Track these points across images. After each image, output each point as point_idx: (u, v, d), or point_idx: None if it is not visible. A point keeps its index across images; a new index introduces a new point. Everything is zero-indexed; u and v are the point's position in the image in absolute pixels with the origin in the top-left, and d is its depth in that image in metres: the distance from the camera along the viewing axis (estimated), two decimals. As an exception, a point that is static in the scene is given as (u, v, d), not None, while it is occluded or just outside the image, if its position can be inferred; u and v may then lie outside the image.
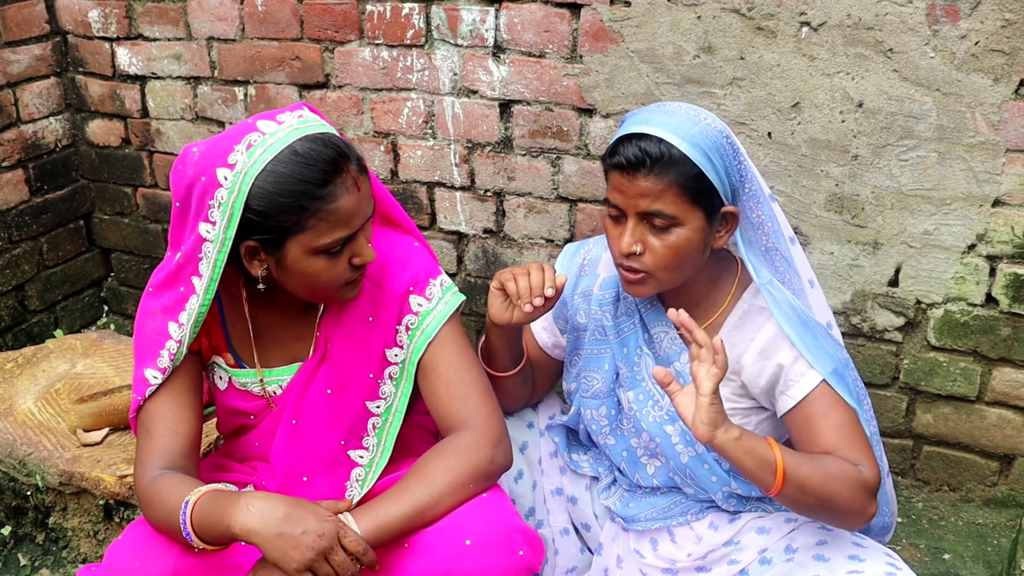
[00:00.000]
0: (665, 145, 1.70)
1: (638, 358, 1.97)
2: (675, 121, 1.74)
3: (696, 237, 1.75)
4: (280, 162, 1.62)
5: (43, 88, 3.33)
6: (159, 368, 1.80)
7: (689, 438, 1.91)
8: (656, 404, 1.95)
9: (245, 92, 3.12)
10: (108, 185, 3.54)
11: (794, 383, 1.80)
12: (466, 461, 1.75)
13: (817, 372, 1.77)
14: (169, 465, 1.77)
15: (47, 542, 2.66)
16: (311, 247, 1.67)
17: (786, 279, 1.84)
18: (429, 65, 2.81)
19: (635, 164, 1.71)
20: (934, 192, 2.37)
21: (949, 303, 2.46)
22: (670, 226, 1.73)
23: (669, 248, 1.75)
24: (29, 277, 3.39)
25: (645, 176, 1.71)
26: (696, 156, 1.71)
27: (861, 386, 1.87)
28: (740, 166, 1.78)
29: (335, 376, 1.88)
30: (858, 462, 1.71)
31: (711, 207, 1.75)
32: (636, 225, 1.76)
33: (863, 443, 1.75)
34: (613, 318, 1.98)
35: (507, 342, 1.97)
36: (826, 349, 1.79)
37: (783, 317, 1.79)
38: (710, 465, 1.91)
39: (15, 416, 2.70)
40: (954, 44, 2.23)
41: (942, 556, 2.43)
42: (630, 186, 1.73)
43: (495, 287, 1.89)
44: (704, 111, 1.80)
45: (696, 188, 1.72)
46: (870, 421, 1.90)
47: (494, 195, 2.89)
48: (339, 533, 1.57)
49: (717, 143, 1.74)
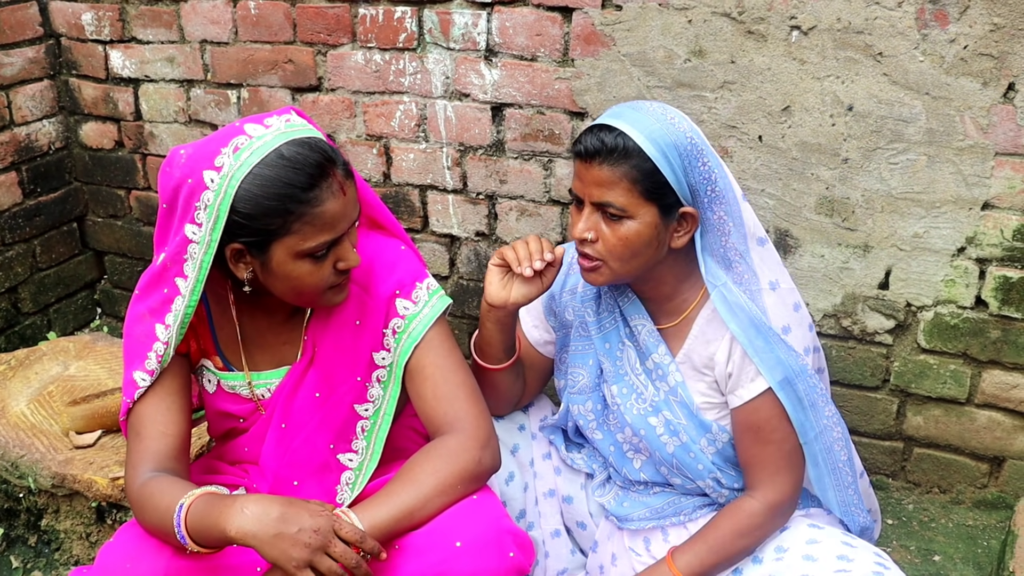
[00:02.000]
0: (623, 138, 1.75)
1: (620, 352, 2.00)
2: (640, 117, 1.78)
3: (647, 232, 1.79)
4: (266, 165, 1.63)
5: (36, 91, 3.34)
6: (147, 370, 1.80)
7: (673, 428, 1.94)
8: (639, 397, 1.97)
9: (238, 95, 3.13)
10: (101, 188, 3.54)
11: (742, 385, 1.88)
12: (453, 463, 1.75)
13: (764, 379, 1.84)
14: (159, 467, 1.77)
15: (39, 544, 2.65)
16: (296, 251, 1.67)
17: (744, 280, 1.87)
18: (421, 68, 2.81)
19: (591, 153, 1.76)
20: (924, 195, 2.38)
21: (939, 306, 2.47)
22: (622, 217, 1.77)
23: (620, 239, 1.79)
24: (22, 279, 3.39)
25: (599, 165, 1.76)
26: (652, 151, 1.74)
27: (821, 390, 1.89)
28: (704, 167, 1.80)
29: (323, 380, 1.88)
30: (756, 486, 1.91)
31: (666, 204, 1.78)
32: (591, 213, 1.81)
33: (778, 463, 1.89)
34: (595, 313, 2.01)
35: (501, 328, 1.99)
36: (777, 355, 1.83)
37: (734, 320, 1.84)
38: (695, 454, 1.95)
39: (8, 418, 2.70)
40: (943, 48, 2.24)
41: (932, 558, 2.44)
42: (586, 174, 1.78)
43: (494, 263, 1.93)
44: (675, 112, 1.82)
45: (650, 183, 1.76)
46: (833, 427, 1.93)
47: (486, 198, 2.89)
48: (334, 526, 1.57)
49: (677, 142, 1.77)
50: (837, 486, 1.96)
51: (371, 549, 1.60)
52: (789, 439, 1.88)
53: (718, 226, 1.84)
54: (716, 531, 1.93)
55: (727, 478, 1.97)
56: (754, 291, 1.86)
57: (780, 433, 1.88)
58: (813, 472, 1.93)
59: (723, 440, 1.94)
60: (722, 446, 1.94)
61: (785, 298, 1.88)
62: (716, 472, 1.96)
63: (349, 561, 1.56)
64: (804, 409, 1.86)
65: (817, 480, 1.94)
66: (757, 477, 1.91)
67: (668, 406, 1.94)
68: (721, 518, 1.94)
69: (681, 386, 1.93)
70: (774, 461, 1.89)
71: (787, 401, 1.85)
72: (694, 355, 1.92)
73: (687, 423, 1.93)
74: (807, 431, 1.88)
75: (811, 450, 1.90)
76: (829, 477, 1.94)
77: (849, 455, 1.98)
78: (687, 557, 1.93)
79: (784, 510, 1.91)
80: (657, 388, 1.95)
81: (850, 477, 1.97)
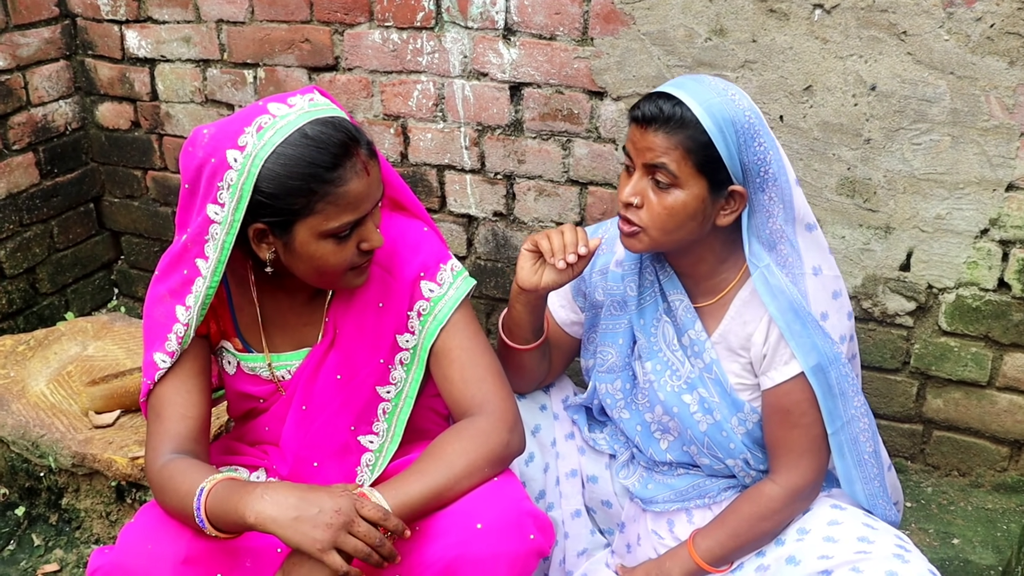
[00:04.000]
0: (682, 107, 1.74)
1: (655, 328, 2.00)
2: (701, 89, 1.77)
3: (694, 204, 1.78)
4: (290, 145, 1.62)
5: (52, 71, 3.33)
6: (167, 352, 1.80)
7: (708, 406, 1.94)
8: (675, 373, 1.97)
9: (254, 75, 3.12)
10: (118, 168, 3.54)
11: (775, 367, 1.87)
12: (482, 445, 1.75)
13: (798, 363, 1.83)
14: (179, 449, 1.77)
15: (60, 523, 2.67)
16: (319, 231, 1.66)
17: (788, 263, 1.85)
18: (439, 48, 2.80)
19: (648, 119, 1.76)
20: (947, 176, 2.36)
21: (961, 288, 2.46)
22: (671, 185, 1.77)
23: (665, 207, 1.78)
24: (40, 260, 3.39)
25: (655, 132, 1.75)
26: (708, 124, 1.74)
27: (852, 380, 1.88)
28: (759, 147, 1.79)
29: (344, 362, 1.88)
30: (779, 469, 1.92)
31: (716, 180, 1.78)
32: (640, 178, 1.80)
33: (803, 448, 1.89)
34: (637, 288, 2.00)
35: (531, 310, 1.98)
36: (813, 340, 1.82)
37: (773, 303, 1.83)
38: (727, 433, 1.94)
39: (28, 398, 2.72)
40: (969, 27, 2.22)
41: (951, 541, 2.43)
42: (641, 139, 1.78)
43: (527, 248, 1.92)
44: (737, 88, 1.82)
45: (703, 156, 1.75)
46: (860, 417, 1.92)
47: (504, 178, 2.88)
48: (355, 505, 1.56)
49: (735, 118, 1.76)
50: (863, 479, 1.95)
51: (395, 527, 1.59)
52: (816, 424, 1.88)
53: (767, 207, 1.83)
54: (736, 515, 1.93)
55: (755, 459, 1.97)
56: (797, 275, 1.85)
57: (808, 418, 1.87)
58: (840, 465, 1.92)
59: (753, 421, 1.94)
60: (752, 427, 1.94)
61: (827, 285, 1.87)
62: (746, 452, 1.96)
63: (372, 540, 1.55)
64: (834, 397, 1.85)
65: (844, 473, 1.93)
66: (781, 460, 1.91)
67: (703, 383, 1.94)
68: (741, 502, 1.94)
69: (716, 364, 1.92)
70: (800, 445, 1.89)
71: (818, 388, 1.84)
72: (730, 335, 1.91)
73: (720, 401, 1.93)
74: (834, 420, 1.87)
75: (837, 440, 1.89)
76: (855, 469, 1.93)
77: (876, 447, 1.96)
78: (707, 542, 1.94)
79: (805, 495, 1.91)
80: (693, 365, 1.95)
81: (876, 469, 1.96)
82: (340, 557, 1.53)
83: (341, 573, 1.53)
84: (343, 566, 1.53)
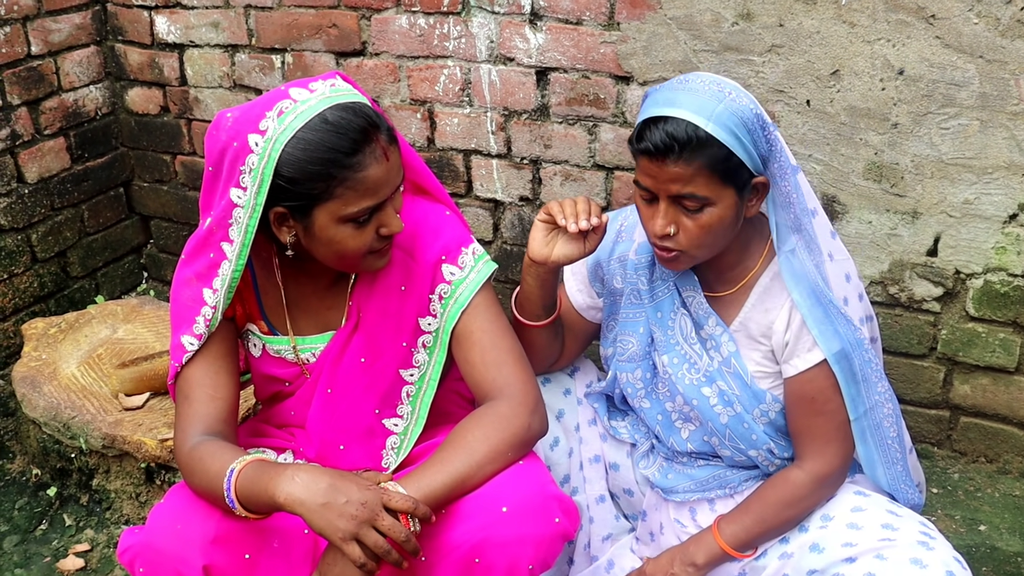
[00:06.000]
0: (692, 128, 1.68)
1: (672, 322, 1.98)
2: (700, 100, 1.70)
3: (728, 214, 1.75)
4: (310, 130, 1.63)
5: (83, 57, 3.36)
6: (195, 334, 1.82)
7: (727, 398, 1.93)
8: (692, 367, 1.96)
9: (282, 60, 3.13)
10: (147, 153, 3.57)
11: (798, 355, 1.86)
12: (504, 429, 1.75)
13: (821, 351, 1.82)
14: (208, 431, 1.79)
15: (91, 503, 2.71)
16: (338, 215, 1.67)
17: (811, 249, 1.84)
18: (466, 32, 2.80)
19: (663, 150, 1.69)
20: (975, 161, 2.34)
21: (989, 273, 2.44)
22: (703, 207, 1.73)
23: (702, 227, 1.75)
24: (71, 244, 3.43)
25: (675, 162, 1.69)
26: (724, 137, 1.68)
27: (875, 365, 1.87)
28: (769, 136, 1.77)
29: (368, 345, 1.89)
30: (805, 456, 1.91)
31: (742, 182, 1.74)
32: (668, 208, 1.75)
33: (828, 435, 1.89)
34: (648, 282, 2.00)
35: (541, 284, 1.97)
36: (835, 327, 1.81)
37: (796, 289, 1.82)
38: (749, 424, 1.94)
39: (59, 380, 2.75)
40: (999, 10, 2.20)
41: (978, 527, 2.43)
42: (660, 172, 1.71)
43: (540, 218, 1.90)
44: (728, 83, 1.76)
45: (726, 168, 1.71)
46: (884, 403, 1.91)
47: (530, 163, 2.89)
48: (383, 499, 1.57)
49: (744, 119, 1.71)
50: (886, 462, 1.95)
51: (423, 515, 1.60)
52: (841, 411, 1.87)
53: (786, 194, 1.82)
54: (762, 502, 1.93)
55: (779, 448, 1.97)
56: (819, 261, 1.84)
57: (833, 404, 1.86)
58: (862, 450, 1.92)
59: (775, 410, 1.93)
60: (775, 416, 1.94)
61: (840, 268, 1.87)
62: (769, 442, 1.95)
63: (398, 535, 1.55)
64: (857, 384, 1.85)
65: (867, 458, 1.93)
66: (807, 448, 1.90)
67: (722, 376, 1.93)
68: (767, 489, 1.94)
69: (735, 356, 1.92)
70: (825, 432, 1.88)
71: (841, 375, 1.83)
72: (751, 323, 1.91)
73: (740, 393, 1.92)
74: (857, 407, 1.86)
75: (859, 426, 1.88)
76: (877, 453, 1.92)
77: (899, 431, 1.96)
78: (733, 528, 1.94)
79: (831, 481, 1.91)
80: (711, 358, 1.95)
81: (899, 453, 1.96)
82: (359, 549, 1.53)
83: (359, 564, 1.54)
84: (361, 557, 1.53)
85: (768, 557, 1.94)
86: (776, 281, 1.87)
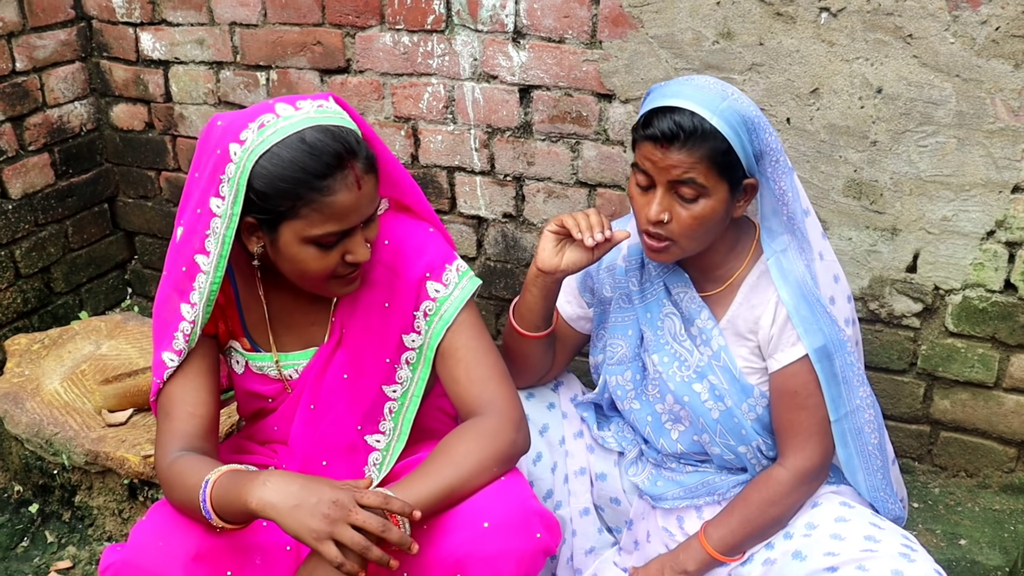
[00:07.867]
0: (698, 119, 1.76)
1: (661, 321, 2.03)
2: (706, 96, 1.79)
3: (720, 208, 1.82)
4: (285, 146, 1.64)
5: (68, 73, 3.37)
6: (175, 350, 1.82)
7: (718, 393, 1.97)
8: (683, 364, 1.99)
9: (267, 77, 3.14)
10: (132, 169, 3.57)
11: (781, 349, 1.91)
12: (490, 445, 1.76)
13: (803, 346, 1.87)
14: (188, 447, 1.79)
15: (73, 520, 2.70)
16: (302, 235, 1.68)
17: (803, 249, 1.90)
18: (449, 50, 2.82)
19: (669, 137, 1.76)
20: (953, 178, 2.36)
21: (967, 289, 2.46)
22: (698, 196, 1.80)
23: (695, 218, 1.81)
24: (54, 260, 3.43)
25: (679, 149, 1.77)
26: (727, 131, 1.77)
27: (857, 369, 1.92)
28: (770, 138, 1.84)
29: (351, 361, 1.90)
30: (786, 452, 1.95)
31: (735, 179, 1.82)
32: (665, 194, 1.82)
33: (809, 430, 1.93)
34: (639, 283, 2.05)
35: (546, 295, 2.00)
36: (820, 325, 1.87)
37: (785, 287, 1.88)
38: (739, 419, 1.98)
39: (42, 396, 2.75)
40: (974, 30, 2.23)
41: (958, 542, 2.44)
42: (663, 158, 1.78)
43: (550, 230, 1.95)
44: (731, 86, 1.84)
45: (724, 162, 1.79)
46: (866, 408, 1.95)
47: (514, 180, 2.90)
48: (355, 496, 1.54)
49: (746, 118, 1.80)
50: (866, 469, 1.97)
51: (399, 509, 1.56)
52: (823, 406, 1.92)
53: (779, 196, 1.87)
54: (745, 502, 1.96)
55: (766, 446, 2.01)
56: (810, 260, 1.90)
57: (815, 400, 1.91)
58: (842, 453, 1.95)
59: (763, 405, 1.97)
60: (761, 411, 1.97)
61: (828, 269, 1.92)
62: (758, 438, 1.99)
63: (374, 526, 1.51)
64: (838, 384, 1.89)
65: (846, 461, 1.96)
66: (788, 443, 1.94)
67: (712, 371, 1.97)
68: (750, 490, 1.97)
69: (724, 350, 1.95)
70: (806, 428, 1.92)
71: (822, 373, 1.88)
72: (738, 320, 1.94)
73: (730, 387, 1.96)
74: (839, 407, 1.90)
75: (840, 428, 1.92)
76: (858, 458, 1.95)
77: (881, 440, 1.98)
78: (719, 532, 1.96)
79: (812, 477, 1.94)
80: (702, 353, 1.98)
81: (880, 462, 1.98)
82: (336, 549, 1.50)
83: (337, 564, 1.51)
84: (338, 557, 1.50)
85: (753, 563, 1.96)
86: (763, 279, 1.93)
